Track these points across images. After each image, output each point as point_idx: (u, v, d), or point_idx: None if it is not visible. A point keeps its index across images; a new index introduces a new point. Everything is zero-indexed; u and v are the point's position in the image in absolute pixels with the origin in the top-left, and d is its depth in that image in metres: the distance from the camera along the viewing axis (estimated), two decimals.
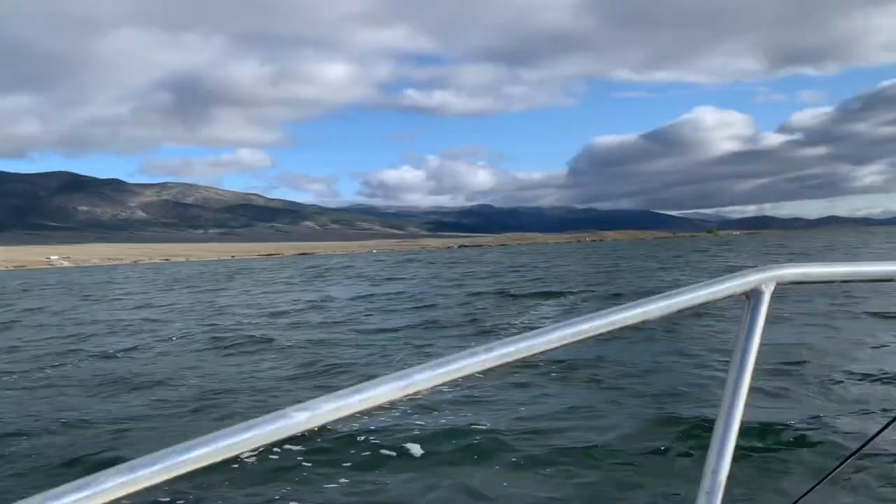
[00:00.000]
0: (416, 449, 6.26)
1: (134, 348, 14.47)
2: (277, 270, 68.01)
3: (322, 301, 24.70)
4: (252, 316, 20.46)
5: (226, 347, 14.04)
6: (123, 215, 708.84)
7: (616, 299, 18.88)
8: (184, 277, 60.19)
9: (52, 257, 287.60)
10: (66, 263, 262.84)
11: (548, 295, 21.14)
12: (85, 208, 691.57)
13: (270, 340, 14.42)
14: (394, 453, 6.14)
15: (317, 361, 11.72)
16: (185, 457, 0.78)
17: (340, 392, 0.89)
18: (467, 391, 8.12)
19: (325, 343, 13.92)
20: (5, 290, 54.25)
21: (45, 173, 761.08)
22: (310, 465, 6.01)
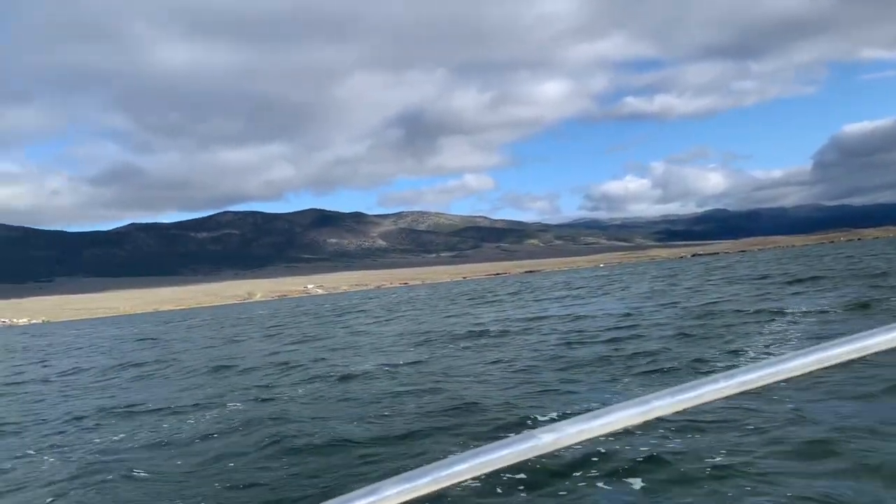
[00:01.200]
0: None
1: (350, 376, 14.95)
2: (500, 289, 68.84)
3: (530, 320, 24.15)
4: (459, 338, 20.45)
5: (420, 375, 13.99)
6: (366, 245, 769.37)
7: (881, 315, 16.05)
8: (416, 299, 63.26)
9: (309, 286, 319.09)
10: (319, 291, 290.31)
11: (782, 312, 18.07)
12: (334, 240, 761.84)
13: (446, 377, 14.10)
14: None
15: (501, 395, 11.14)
16: (450, 470, 0.88)
17: (584, 416, 0.96)
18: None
19: (527, 372, 13.32)
20: (255, 317, 60.88)
21: (299, 211, 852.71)
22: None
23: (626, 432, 7.23)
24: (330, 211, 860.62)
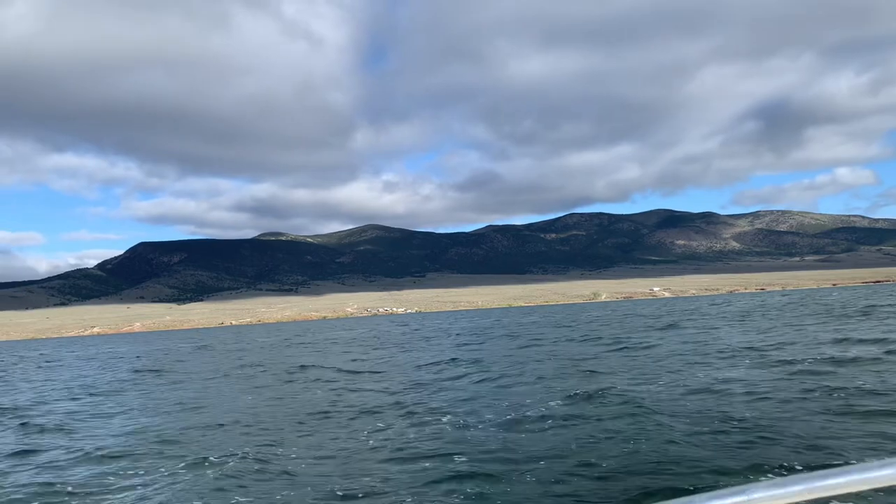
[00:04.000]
0: None
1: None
2: (883, 298, 59.27)
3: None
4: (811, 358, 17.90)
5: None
6: (717, 247, 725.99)
7: None
8: (772, 306, 57.75)
9: (654, 288, 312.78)
10: (666, 294, 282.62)
11: None
12: (681, 242, 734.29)
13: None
14: None
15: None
16: (826, 482, 0.82)
17: None
18: None
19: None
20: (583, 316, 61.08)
21: (645, 212, 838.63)
22: None
23: None
24: (678, 211, 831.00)
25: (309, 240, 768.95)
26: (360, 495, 8.35)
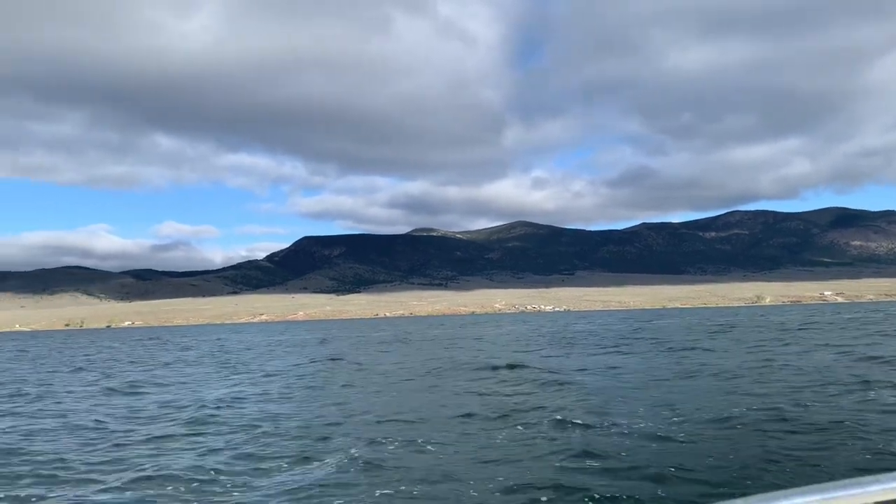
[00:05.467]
0: None
1: None
2: None
3: None
4: None
5: None
6: None
7: None
8: None
9: (825, 293, 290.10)
10: (839, 299, 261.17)
11: None
12: (857, 243, 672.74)
13: None
14: None
15: None
16: None
17: None
18: None
19: None
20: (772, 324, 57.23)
21: (816, 210, 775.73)
22: None
23: None
24: (853, 209, 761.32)
25: (458, 236, 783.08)
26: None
